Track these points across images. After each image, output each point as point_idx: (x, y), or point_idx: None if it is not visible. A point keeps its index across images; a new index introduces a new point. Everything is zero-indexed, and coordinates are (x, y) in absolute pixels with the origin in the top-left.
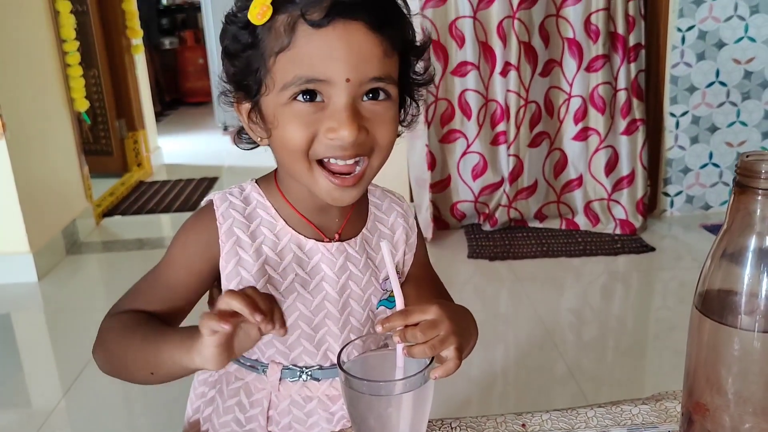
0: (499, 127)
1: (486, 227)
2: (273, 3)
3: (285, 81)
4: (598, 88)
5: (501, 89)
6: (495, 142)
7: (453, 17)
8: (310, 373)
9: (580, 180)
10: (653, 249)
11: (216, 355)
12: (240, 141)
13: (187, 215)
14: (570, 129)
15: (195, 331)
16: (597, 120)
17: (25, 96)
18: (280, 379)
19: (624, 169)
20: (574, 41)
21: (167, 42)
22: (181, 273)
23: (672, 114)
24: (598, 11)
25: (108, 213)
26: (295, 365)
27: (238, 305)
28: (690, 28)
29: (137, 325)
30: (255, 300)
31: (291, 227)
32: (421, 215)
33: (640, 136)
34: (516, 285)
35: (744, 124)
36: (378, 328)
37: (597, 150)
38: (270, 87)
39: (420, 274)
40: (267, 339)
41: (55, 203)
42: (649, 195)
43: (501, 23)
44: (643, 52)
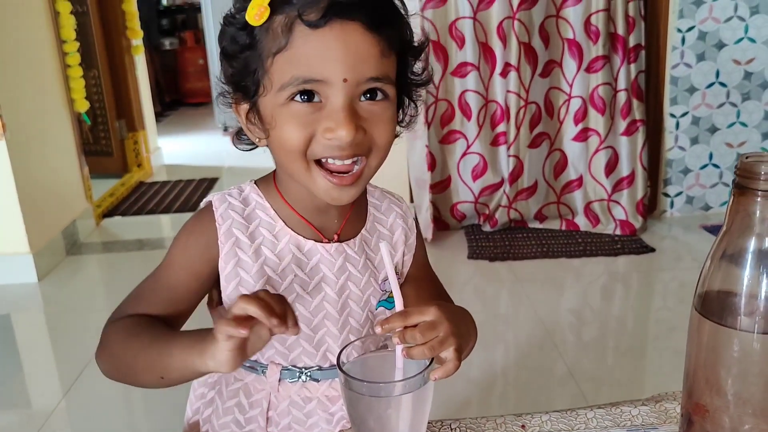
0: (499, 128)
1: (486, 228)
2: (270, 4)
3: (282, 81)
4: (598, 88)
5: (501, 90)
6: (495, 142)
7: (453, 18)
8: (309, 374)
9: (580, 181)
10: (653, 250)
11: (231, 359)
12: (239, 142)
13: (187, 216)
14: (570, 130)
15: (205, 334)
16: (597, 121)
17: (25, 96)
18: (279, 380)
19: (624, 170)
20: (574, 42)
21: (167, 43)
22: (182, 275)
23: (672, 115)
24: (598, 12)
25: (108, 213)
26: (295, 366)
27: (254, 310)
28: (690, 28)
29: (143, 330)
30: (270, 304)
31: (290, 228)
32: (421, 216)
33: (640, 136)
34: (516, 286)
35: (744, 124)
36: (377, 329)
37: (597, 151)
38: (268, 88)
39: (419, 274)
40: None
41: (55, 204)
42: (649, 196)
43: (501, 24)
44: (643, 52)
